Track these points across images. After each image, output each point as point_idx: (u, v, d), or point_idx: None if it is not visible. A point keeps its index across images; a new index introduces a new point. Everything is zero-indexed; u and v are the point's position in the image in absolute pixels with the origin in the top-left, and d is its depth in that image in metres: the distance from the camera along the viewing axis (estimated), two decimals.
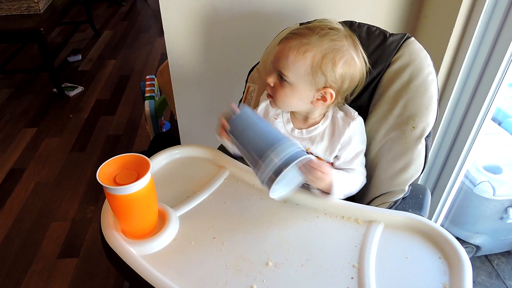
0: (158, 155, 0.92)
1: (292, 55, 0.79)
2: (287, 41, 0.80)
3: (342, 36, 0.80)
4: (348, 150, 0.87)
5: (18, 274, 1.52)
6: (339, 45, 0.79)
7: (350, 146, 0.86)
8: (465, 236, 1.54)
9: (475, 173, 1.46)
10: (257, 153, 0.71)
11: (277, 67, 0.82)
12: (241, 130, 0.76)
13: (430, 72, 0.85)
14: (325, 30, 0.79)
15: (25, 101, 2.66)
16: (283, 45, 0.81)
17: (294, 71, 0.80)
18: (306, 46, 0.78)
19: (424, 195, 0.94)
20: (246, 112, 0.78)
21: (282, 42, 0.82)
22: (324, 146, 0.88)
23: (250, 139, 0.74)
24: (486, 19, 1.04)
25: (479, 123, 1.16)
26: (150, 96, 1.96)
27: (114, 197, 0.65)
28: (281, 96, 0.84)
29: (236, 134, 0.76)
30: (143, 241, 0.71)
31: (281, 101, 0.85)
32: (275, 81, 0.83)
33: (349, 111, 0.89)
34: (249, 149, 0.73)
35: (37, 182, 1.98)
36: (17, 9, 2.55)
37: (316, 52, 0.78)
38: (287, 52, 0.79)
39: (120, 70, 3.09)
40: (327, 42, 0.78)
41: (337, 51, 0.78)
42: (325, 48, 0.78)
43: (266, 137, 0.73)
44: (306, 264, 0.69)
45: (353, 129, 0.86)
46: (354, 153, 0.87)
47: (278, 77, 0.83)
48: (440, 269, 0.68)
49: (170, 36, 1.24)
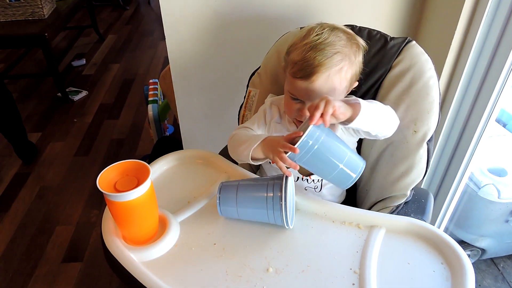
0: (159, 161, 0.92)
1: (336, 83, 0.77)
2: (319, 74, 0.75)
3: (340, 32, 0.80)
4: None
5: (23, 278, 1.53)
6: (344, 41, 0.78)
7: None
8: (470, 239, 1.53)
9: (480, 175, 1.45)
10: None
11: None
12: None
13: (431, 76, 0.84)
14: (330, 38, 0.77)
15: (30, 106, 2.68)
16: (318, 79, 0.76)
17: (339, 93, 0.80)
18: (341, 67, 0.77)
19: (426, 199, 0.93)
20: None
21: (309, 75, 0.76)
22: None
23: None
24: (488, 21, 1.03)
25: (483, 125, 1.14)
26: (153, 100, 1.96)
27: (114, 203, 0.65)
28: None
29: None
30: (144, 247, 0.71)
31: None
32: None
33: None
34: None
35: (41, 186, 1.99)
36: (21, 14, 2.57)
37: (348, 64, 0.78)
38: (331, 84, 0.77)
39: (124, 74, 3.11)
40: (344, 48, 0.77)
41: (352, 50, 0.79)
42: (349, 54, 0.78)
43: None
44: (307, 270, 0.68)
45: None
46: None
47: None
48: (442, 275, 0.67)
49: (171, 41, 1.24)
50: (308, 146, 0.69)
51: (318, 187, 0.92)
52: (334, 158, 0.71)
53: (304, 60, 0.76)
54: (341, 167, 0.71)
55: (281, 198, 0.71)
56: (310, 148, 0.69)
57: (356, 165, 0.73)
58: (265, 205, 0.72)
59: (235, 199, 0.75)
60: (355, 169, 0.72)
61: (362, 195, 0.90)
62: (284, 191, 0.71)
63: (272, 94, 0.98)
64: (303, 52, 0.77)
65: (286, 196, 0.71)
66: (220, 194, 0.76)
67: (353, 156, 0.73)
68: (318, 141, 0.69)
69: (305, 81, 0.77)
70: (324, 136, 0.69)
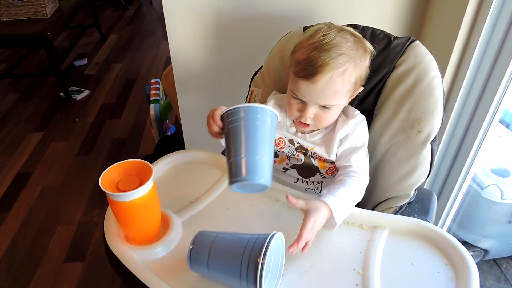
0: (161, 160, 0.92)
1: (339, 86, 0.76)
2: (322, 75, 0.74)
3: (347, 34, 0.79)
4: (345, 146, 0.85)
5: (25, 278, 1.53)
6: (351, 43, 0.77)
7: (347, 142, 0.85)
8: (473, 240, 1.52)
9: (483, 176, 1.45)
10: None
11: (318, 103, 0.79)
12: None
13: (435, 76, 0.84)
14: (336, 40, 0.76)
15: (32, 105, 2.68)
16: (320, 80, 0.75)
17: (342, 96, 0.79)
18: (345, 69, 0.75)
19: (430, 199, 0.92)
20: None
21: (312, 75, 0.75)
22: (324, 147, 0.87)
23: None
24: (492, 21, 1.03)
25: (486, 125, 1.14)
26: (155, 99, 1.96)
27: (117, 203, 0.65)
28: (327, 120, 0.83)
29: None
30: (146, 247, 0.71)
31: (326, 123, 0.84)
32: (316, 111, 0.80)
33: (351, 112, 0.88)
34: None
35: (43, 186, 1.99)
36: (24, 14, 2.57)
37: (353, 67, 0.77)
38: (333, 86, 0.76)
39: (126, 74, 3.10)
40: (350, 50, 0.76)
41: (358, 53, 0.78)
42: (354, 56, 0.77)
43: None
44: (309, 271, 0.68)
45: (351, 127, 0.85)
46: (350, 148, 0.85)
47: (319, 108, 0.80)
48: (446, 276, 0.67)
49: (174, 40, 1.24)
50: (233, 118, 0.69)
51: (318, 189, 0.92)
52: (245, 146, 0.67)
53: (307, 60, 0.75)
54: (243, 158, 0.66)
55: (256, 271, 0.58)
56: (230, 122, 0.69)
57: (255, 171, 0.65)
58: (238, 274, 0.60)
59: (207, 258, 0.63)
60: (251, 172, 0.65)
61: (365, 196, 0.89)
62: (262, 257, 0.58)
63: (276, 91, 0.98)
64: (307, 51, 0.76)
65: (262, 269, 0.58)
66: (192, 245, 0.65)
67: (262, 163, 0.66)
68: (239, 121, 0.68)
69: (307, 81, 0.76)
70: (251, 122, 0.68)
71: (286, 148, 0.90)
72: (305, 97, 0.78)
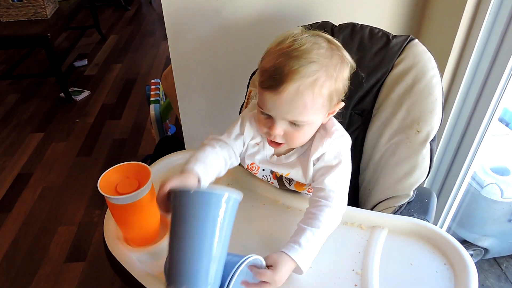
0: (160, 161, 0.92)
1: (308, 99, 0.66)
2: (288, 84, 0.65)
3: (322, 40, 0.70)
4: (319, 165, 0.76)
5: (26, 278, 1.54)
6: (324, 50, 0.69)
7: (321, 161, 0.76)
8: (473, 239, 1.52)
9: (483, 175, 1.45)
10: None
11: (285, 118, 0.69)
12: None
13: (434, 75, 0.84)
14: (307, 46, 0.67)
15: (32, 106, 2.68)
16: (286, 90, 0.65)
17: (313, 112, 0.69)
18: (316, 79, 0.66)
19: (429, 199, 0.92)
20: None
21: (277, 85, 0.66)
22: (301, 169, 0.78)
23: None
24: (491, 19, 1.03)
25: (485, 124, 1.14)
26: (155, 100, 1.96)
27: (115, 206, 0.65)
28: (299, 138, 0.73)
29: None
30: (145, 249, 0.71)
31: (299, 142, 0.75)
32: (285, 128, 0.71)
33: (329, 127, 0.77)
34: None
35: (44, 187, 2.00)
36: (24, 14, 2.57)
37: (325, 76, 0.67)
38: (301, 98, 0.66)
39: (126, 74, 3.11)
40: (322, 58, 0.67)
41: (332, 61, 0.69)
42: (327, 65, 0.68)
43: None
44: (308, 271, 0.68)
45: (326, 147, 0.74)
46: (324, 168, 0.75)
47: (289, 124, 0.71)
48: (445, 275, 0.67)
49: (173, 41, 1.24)
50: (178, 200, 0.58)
51: None
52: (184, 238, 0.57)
53: (273, 68, 0.67)
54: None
55: None
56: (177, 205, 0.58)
57: (186, 274, 0.56)
58: None
59: None
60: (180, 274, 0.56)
61: (365, 196, 0.90)
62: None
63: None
64: (274, 58, 0.68)
65: None
66: None
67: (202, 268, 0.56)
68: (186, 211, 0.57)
69: (272, 92, 0.67)
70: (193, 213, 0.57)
71: (260, 173, 0.85)
72: (271, 111, 0.69)
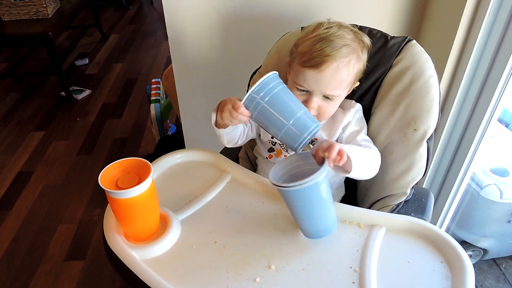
0: (161, 159, 0.93)
1: (344, 76, 0.79)
2: (330, 63, 0.77)
3: (347, 28, 0.82)
4: (347, 132, 0.89)
5: (26, 276, 1.54)
6: (352, 36, 0.81)
7: (348, 128, 0.89)
8: (472, 240, 1.53)
9: (482, 175, 1.45)
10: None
11: (324, 92, 0.80)
12: None
13: (431, 75, 0.85)
14: (340, 32, 0.80)
15: (33, 105, 2.69)
16: (327, 68, 0.77)
17: (344, 87, 0.82)
18: (350, 59, 0.79)
19: (427, 198, 0.93)
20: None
21: (319, 64, 0.77)
22: (325, 135, 0.89)
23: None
24: (490, 20, 1.03)
25: (485, 125, 1.14)
26: (155, 99, 1.97)
27: (116, 200, 0.65)
28: (329, 111, 0.84)
29: None
30: (145, 245, 0.72)
31: (328, 115, 0.86)
32: (319, 102, 0.82)
33: (347, 103, 0.91)
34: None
35: (44, 185, 2.00)
36: (26, 13, 2.59)
37: (356, 58, 0.80)
38: (339, 75, 0.79)
39: (127, 73, 3.12)
40: (353, 42, 0.80)
41: (359, 46, 0.81)
42: (357, 48, 0.80)
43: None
44: (307, 269, 0.68)
45: (353, 114, 0.89)
46: (354, 132, 0.89)
47: (323, 99, 0.82)
48: (442, 274, 0.67)
49: (174, 40, 1.25)
50: (255, 102, 0.70)
51: None
52: (282, 117, 0.70)
53: (314, 50, 0.78)
54: (289, 126, 0.71)
55: None
56: (257, 105, 0.70)
57: (305, 126, 0.71)
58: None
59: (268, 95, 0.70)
60: (303, 130, 0.71)
61: (362, 194, 0.90)
62: None
63: None
64: (313, 42, 0.79)
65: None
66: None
67: (303, 116, 0.72)
68: (264, 98, 0.69)
69: (314, 70, 0.78)
70: (272, 94, 0.70)
71: (277, 145, 0.92)
72: (312, 86, 0.80)
